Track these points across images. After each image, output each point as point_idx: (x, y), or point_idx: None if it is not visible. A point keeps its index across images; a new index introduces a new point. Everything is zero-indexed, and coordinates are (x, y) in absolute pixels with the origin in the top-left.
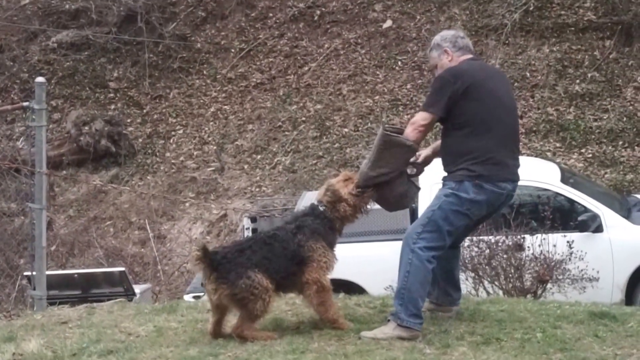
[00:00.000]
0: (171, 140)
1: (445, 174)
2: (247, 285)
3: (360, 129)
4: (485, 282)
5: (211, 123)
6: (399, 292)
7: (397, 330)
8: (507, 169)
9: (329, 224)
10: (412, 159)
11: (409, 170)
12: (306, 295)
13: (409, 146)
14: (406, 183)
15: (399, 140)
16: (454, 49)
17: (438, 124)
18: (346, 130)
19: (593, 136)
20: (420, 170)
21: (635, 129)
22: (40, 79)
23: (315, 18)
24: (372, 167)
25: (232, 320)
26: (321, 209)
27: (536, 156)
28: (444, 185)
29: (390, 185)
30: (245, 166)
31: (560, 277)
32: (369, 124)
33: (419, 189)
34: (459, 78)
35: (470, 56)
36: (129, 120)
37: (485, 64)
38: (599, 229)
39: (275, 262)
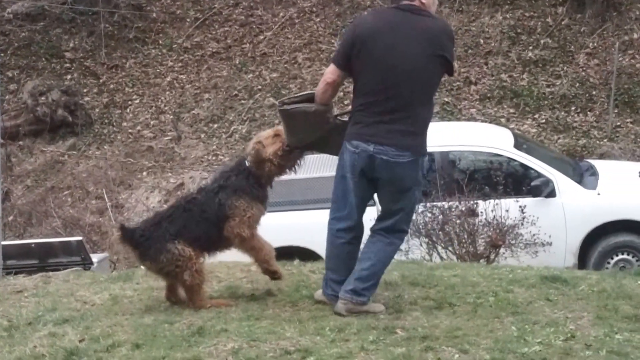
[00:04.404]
0: (128, 110)
1: None
2: (169, 259)
3: None
4: (439, 248)
5: (167, 92)
6: None
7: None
8: (369, 129)
9: (254, 179)
10: None
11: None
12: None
13: (314, 111)
14: (338, 128)
15: (298, 111)
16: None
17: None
18: None
19: (546, 102)
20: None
21: (587, 95)
22: None
23: None
24: (288, 135)
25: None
26: (247, 164)
27: (490, 122)
28: None
29: (323, 138)
30: (202, 135)
31: (513, 241)
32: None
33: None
34: (353, 31)
35: (393, 5)
36: (85, 90)
37: (395, 16)
38: (552, 194)
39: (194, 229)
